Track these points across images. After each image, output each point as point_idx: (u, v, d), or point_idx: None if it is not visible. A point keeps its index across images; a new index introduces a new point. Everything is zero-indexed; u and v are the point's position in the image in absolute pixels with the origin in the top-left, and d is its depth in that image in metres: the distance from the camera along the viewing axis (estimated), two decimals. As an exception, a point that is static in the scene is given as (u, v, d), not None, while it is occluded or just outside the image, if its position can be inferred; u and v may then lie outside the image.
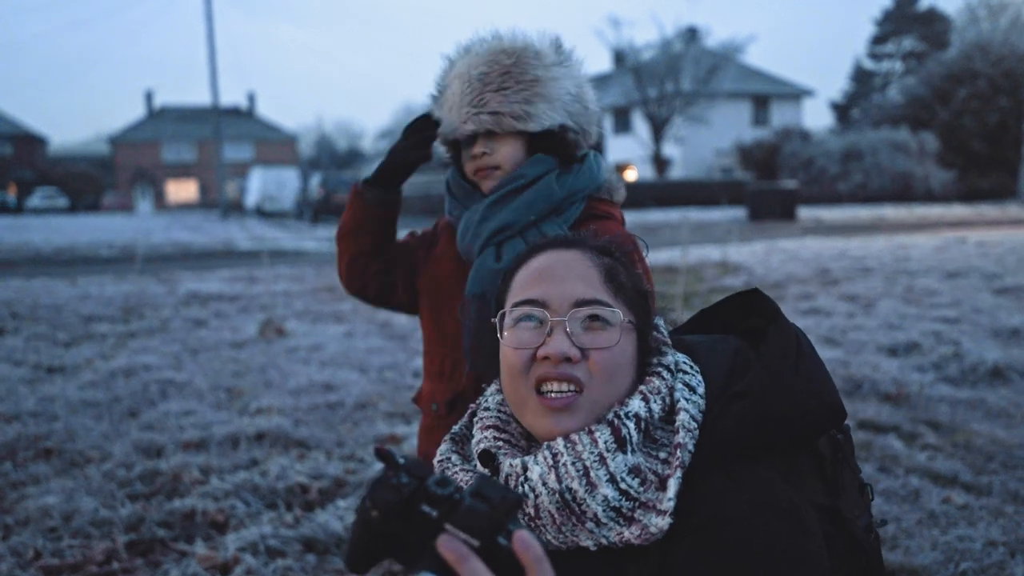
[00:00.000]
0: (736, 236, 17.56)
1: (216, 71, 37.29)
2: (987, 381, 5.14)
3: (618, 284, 1.03)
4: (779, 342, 1.04)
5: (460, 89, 1.60)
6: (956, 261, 11.95)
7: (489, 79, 1.57)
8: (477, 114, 1.57)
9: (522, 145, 1.61)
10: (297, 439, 4.20)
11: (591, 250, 1.07)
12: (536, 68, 1.59)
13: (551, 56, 1.62)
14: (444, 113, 1.65)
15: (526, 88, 1.57)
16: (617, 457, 0.94)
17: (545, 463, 0.95)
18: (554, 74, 1.60)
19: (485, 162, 1.61)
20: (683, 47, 40.74)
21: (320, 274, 12.19)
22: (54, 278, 11.73)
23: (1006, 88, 39.57)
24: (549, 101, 1.58)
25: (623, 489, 0.92)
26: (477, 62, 1.60)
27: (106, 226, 29.57)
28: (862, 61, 60.15)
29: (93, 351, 6.51)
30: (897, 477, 3.59)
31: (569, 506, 0.93)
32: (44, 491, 3.53)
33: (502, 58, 1.58)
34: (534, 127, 1.58)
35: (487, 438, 1.05)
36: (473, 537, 0.69)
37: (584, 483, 0.92)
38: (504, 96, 1.56)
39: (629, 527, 0.92)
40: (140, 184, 65.80)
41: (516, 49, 1.60)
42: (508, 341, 1.03)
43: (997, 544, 2.92)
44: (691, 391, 1.00)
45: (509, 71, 1.57)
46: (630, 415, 0.96)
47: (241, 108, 73.58)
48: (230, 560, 2.83)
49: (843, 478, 1.02)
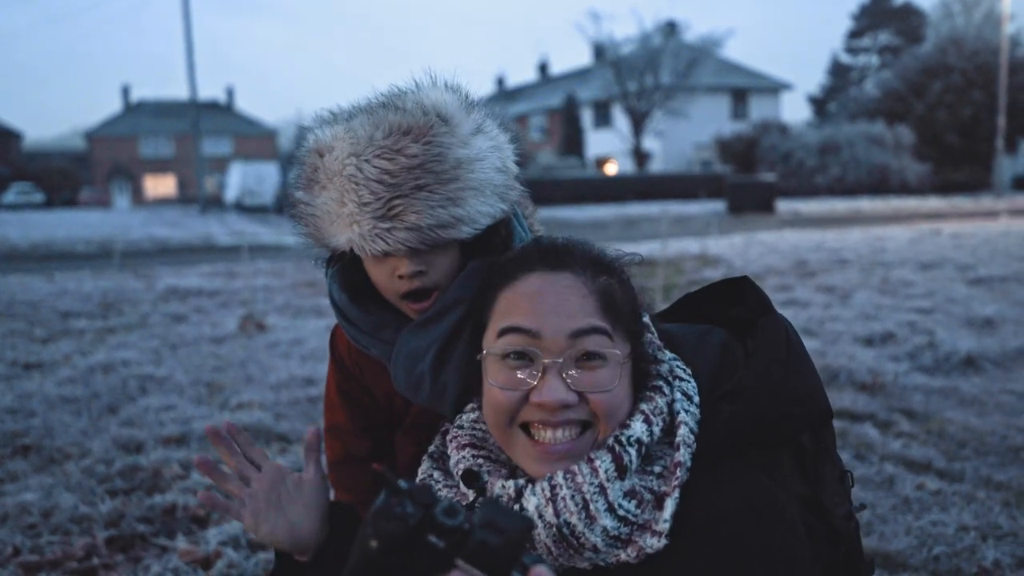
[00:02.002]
0: (715, 229, 17.68)
1: (193, 65, 36.94)
2: (960, 370, 5.23)
3: (616, 312, 0.95)
4: (770, 339, 1.01)
5: (350, 192, 1.14)
6: (931, 252, 12.12)
7: (395, 179, 1.12)
8: (390, 230, 1.13)
9: (456, 251, 1.22)
10: (278, 433, 4.20)
11: (586, 269, 0.97)
12: (454, 148, 1.15)
13: (466, 122, 1.18)
14: (319, 220, 1.21)
15: (448, 182, 1.13)
16: (615, 485, 0.91)
17: (543, 495, 0.91)
18: (477, 150, 1.17)
19: (419, 284, 1.19)
20: (662, 41, 40.90)
21: (300, 269, 12.13)
22: (30, 274, 11.59)
23: (980, 82, 40.08)
24: (479, 191, 1.16)
25: (621, 516, 0.90)
26: (367, 151, 1.13)
27: (83, 222, 29.21)
28: (839, 55, 60.72)
29: (71, 347, 6.45)
30: (872, 464, 3.65)
31: (567, 540, 0.90)
32: (22, 488, 3.50)
33: (406, 145, 1.13)
34: (469, 232, 1.17)
35: (465, 457, 1.01)
36: (486, 573, 0.65)
37: (584, 517, 0.89)
38: (422, 201, 1.12)
39: (626, 549, 0.91)
40: (117, 179, 65.07)
41: (423, 127, 1.14)
42: (495, 378, 0.96)
43: (969, 529, 2.99)
44: (689, 400, 0.96)
45: (420, 163, 1.12)
46: (632, 440, 0.92)
47: (219, 102, 72.92)
48: (211, 554, 2.83)
49: (824, 469, 1.02)
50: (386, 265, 1.20)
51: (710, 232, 16.86)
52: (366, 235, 1.15)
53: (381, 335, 1.26)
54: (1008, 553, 2.80)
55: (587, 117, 48.62)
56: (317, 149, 1.20)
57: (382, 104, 1.19)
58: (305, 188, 1.22)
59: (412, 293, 1.20)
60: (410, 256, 1.17)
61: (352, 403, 1.40)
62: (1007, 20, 36.54)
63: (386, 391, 1.35)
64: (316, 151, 1.20)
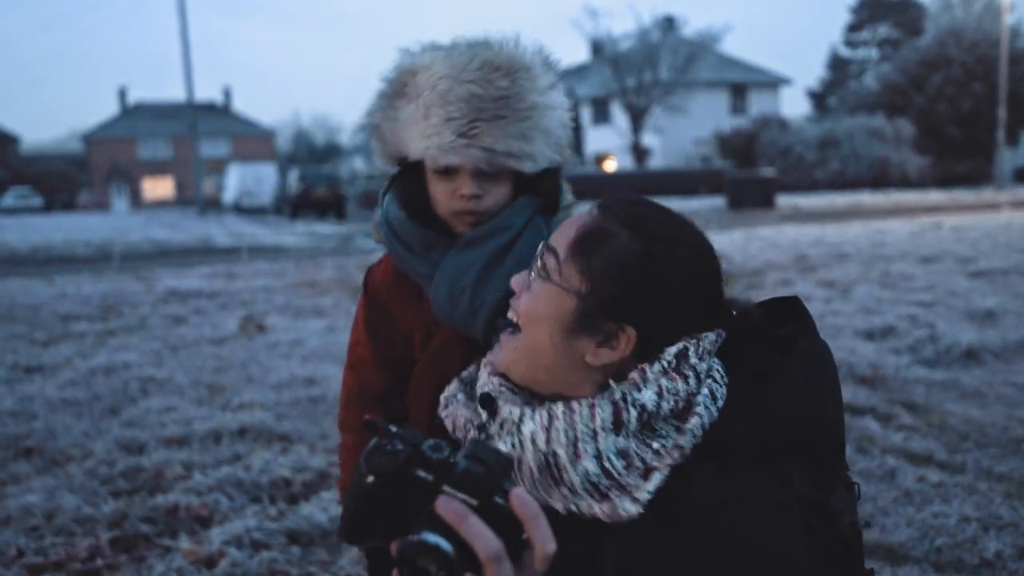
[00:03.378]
0: (715, 224, 17.68)
1: (190, 67, 36.89)
2: (961, 362, 5.23)
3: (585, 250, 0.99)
4: (807, 358, 1.01)
5: (438, 106, 1.29)
6: (931, 246, 12.12)
7: (483, 104, 1.27)
8: (467, 146, 1.28)
9: (511, 186, 1.36)
10: (280, 433, 4.21)
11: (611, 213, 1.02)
12: (532, 93, 1.31)
13: (544, 78, 1.34)
14: (397, 126, 1.36)
15: (524, 119, 1.30)
16: (609, 437, 0.94)
17: (540, 423, 0.96)
18: (550, 100, 1.34)
19: (475, 206, 1.33)
20: (660, 37, 40.89)
21: (300, 269, 12.14)
22: (30, 278, 11.60)
23: (980, 74, 40.04)
24: (546, 135, 1.33)
25: (606, 468, 0.93)
26: (462, 75, 1.28)
27: (82, 225, 29.23)
28: (838, 49, 60.64)
29: (72, 350, 6.45)
30: (873, 457, 3.65)
31: (550, 469, 0.95)
32: (25, 490, 3.51)
33: (497, 78, 1.28)
34: (531, 167, 1.32)
35: (492, 383, 1.07)
36: (471, 497, 0.70)
37: (571, 452, 0.93)
38: (500, 128, 1.28)
39: (601, 503, 0.93)
40: (116, 182, 65.06)
41: (514, 67, 1.30)
42: None
43: (971, 520, 2.99)
44: (713, 400, 0.97)
45: (507, 96, 1.28)
46: (637, 403, 0.95)
47: (217, 104, 72.89)
48: (215, 554, 2.83)
49: (833, 474, 1.02)
50: (450, 183, 1.33)
51: (710, 228, 16.56)
52: (444, 146, 1.28)
53: (430, 255, 1.37)
54: (1010, 544, 2.81)
55: (585, 114, 48.56)
56: (412, 68, 1.33)
57: (479, 43, 1.33)
58: (388, 102, 1.36)
59: (466, 212, 1.34)
60: (474, 177, 1.31)
61: (376, 337, 1.49)
62: (1007, 11, 36.53)
63: (410, 324, 1.45)
64: (411, 70, 1.33)
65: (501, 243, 1.33)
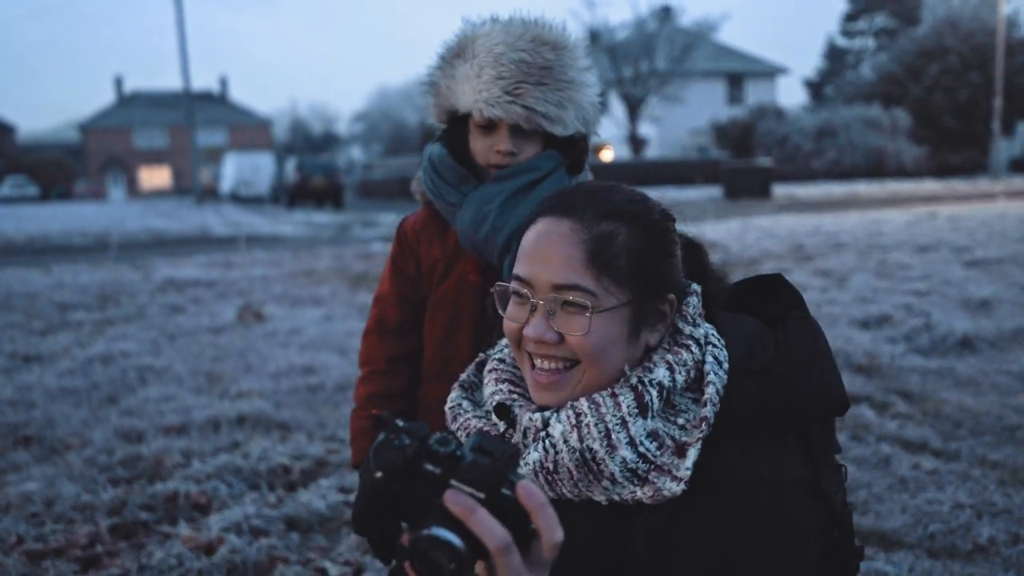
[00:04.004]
0: (712, 214, 17.69)
1: (187, 55, 36.70)
2: (956, 351, 5.25)
3: (605, 263, 1.00)
4: (800, 329, 1.06)
5: (491, 67, 1.48)
6: (927, 235, 12.14)
7: (529, 69, 1.47)
8: (511, 103, 1.47)
9: (541, 147, 1.56)
10: (278, 421, 4.22)
11: (590, 216, 1.03)
12: (572, 70, 1.52)
13: (583, 60, 1.55)
14: (452, 82, 1.55)
15: (561, 89, 1.50)
16: (638, 422, 0.96)
17: (568, 422, 0.97)
18: (585, 79, 1.54)
19: (509, 160, 1.54)
20: (657, 26, 40.71)
21: (297, 258, 12.14)
22: (27, 267, 11.57)
23: (976, 63, 39.98)
24: (578, 107, 1.53)
25: (641, 452, 0.95)
26: (516, 44, 1.48)
27: (78, 214, 29.15)
28: (835, 38, 60.53)
29: (69, 339, 6.46)
30: (868, 445, 3.68)
31: (588, 464, 0.96)
32: (25, 478, 3.52)
33: (545, 51, 1.49)
34: (560, 131, 1.52)
35: (502, 390, 1.08)
36: (478, 490, 0.72)
37: (605, 444, 0.95)
38: (541, 92, 1.48)
39: (642, 487, 0.95)
40: (112, 171, 64.85)
41: (560, 44, 1.51)
42: (505, 312, 1.07)
43: (964, 506, 3.02)
44: (718, 365, 1.01)
45: (551, 66, 1.49)
46: (654, 383, 0.98)
47: (213, 93, 72.59)
48: (214, 540, 2.85)
49: (826, 456, 1.05)
50: (489, 138, 1.54)
51: (707, 218, 16.87)
52: (491, 100, 1.47)
53: (462, 187, 1.58)
54: (1003, 530, 2.84)
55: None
56: (472, 35, 1.54)
57: (533, 21, 1.53)
58: (447, 61, 1.55)
59: (501, 167, 1.54)
60: (511, 135, 1.51)
61: (399, 274, 1.70)
62: (1003, 1, 36.44)
63: (432, 261, 1.65)
64: (471, 36, 1.54)
65: (528, 180, 1.53)
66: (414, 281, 1.68)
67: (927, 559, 2.67)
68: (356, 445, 1.67)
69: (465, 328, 1.63)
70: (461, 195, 1.57)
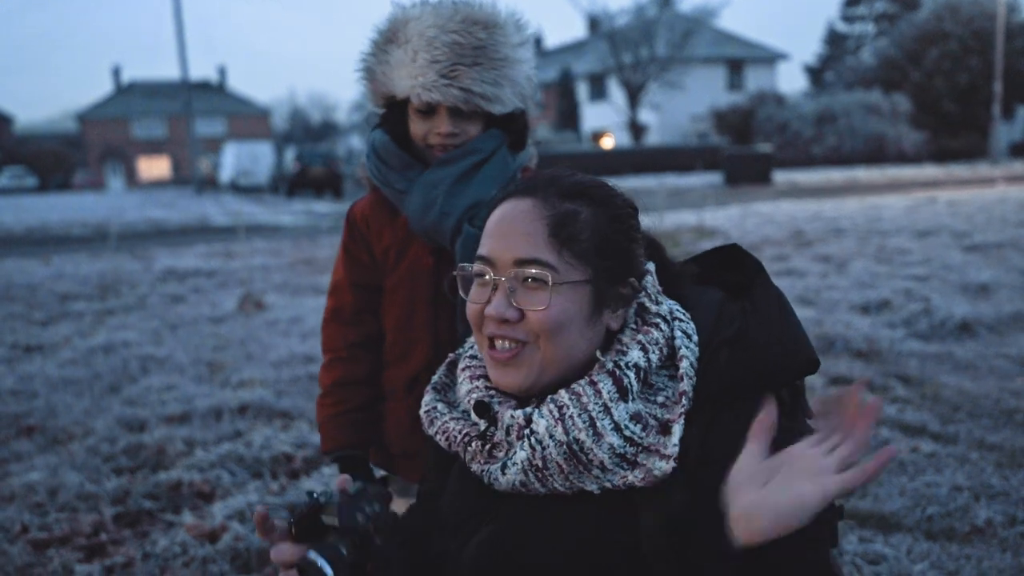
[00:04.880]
0: (712, 201, 17.68)
1: (184, 45, 36.59)
2: (955, 335, 5.27)
3: (567, 237, 1.01)
4: (765, 294, 1.07)
5: (425, 50, 1.47)
6: (927, 220, 12.13)
7: (463, 51, 1.47)
8: (448, 86, 1.47)
9: (482, 126, 1.56)
10: (280, 410, 4.24)
11: (553, 196, 1.04)
12: (505, 47, 1.51)
13: (516, 35, 1.55)
14: (388, 68, 1.54)
15: (496, 68, 1.49)
16: (620, 406, 0.97)
17: (551, 416, 0.97)
18: (519, 55, 1.53)
19: (450, 142, 1.54)
20: (657, 12, 40.51)
21: (297, 247, 12.14)
22: (27, 258, 11.58)
23: (976, 48, 39.78)
24: (513, 85, 1.53)
25: (627, 436, 0.96)
26: (447, 26, 1.47)
27: (78, 205, 29.12)
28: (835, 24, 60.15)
29: (71, 329, 6.47)
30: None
31: (576, 456, 0.96)
32: (28, 468, 3.54)
33: (477, 31, 1.48)
34: (499, 110, 1.52)
35: (478, 387, 1.07)
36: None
37: (591, 433, 0.95)
38: (477, 73, 1.47)
39: (633, 471, 0.96)
40: (111, 161, 64.69)
41: (491, 23, 1.51)
42: (468, 295, 1.07)
43: (962, 489, 3.04)
44: (688, 338, 1.03)
45: (483, 46, 1.48)
46: (630, 365, 0.99)
47: (211, 82, 72.30)
48: (218, 528, 2.87)
49: (799, 423, 1.07)
50: (430, 122, 1.53)
51: (707, 204, 16.85)
52: (428, 84, 1.47)
53: (408, 173, 1.58)
54: (1000, 512, 2.85)
55: (582, 91, 48.31)
56: (404, 18, 1.52)
57: (463, 2, 1.52)
58: (380, 47, 1.54)
59: (442, 148, 1.54)
60: (450, 117, 1.51)
61: (352, 261, 1.68)
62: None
63: (386, 244, 1.64)
64: (403, 19, 1.52)
65: (472, 162, 1.53)
66: (368, 267, 1.67)
67: (925, 541, 2.69)
68: (325, 432, 1.69)
69: (422, 311, 1.62)
70: (408, 181, 1.57)
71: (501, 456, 1.02)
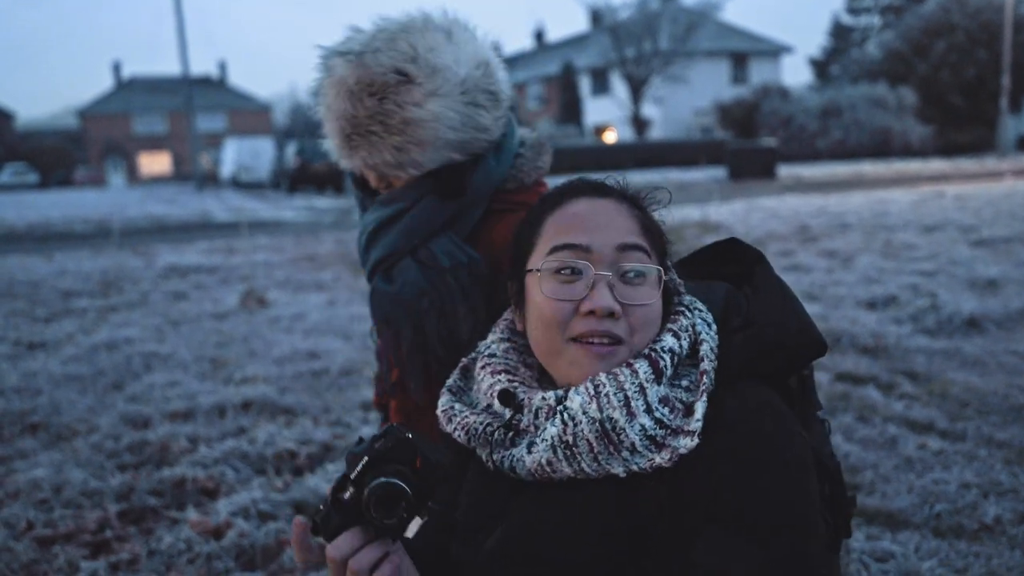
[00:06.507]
0: (716, 195, 17.63)
1: (185, 40, 36.55)
2: (963, 331, 5.24)
3: (652, 236, 1.06)
4: (766, 279, 1.09)
5: (328, 119, 1.43)
6: (934, 215, 12.08)
7: (356, 120, 1.38)
8: (350, 156, 1.44)
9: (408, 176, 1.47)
10: (284, 406, 4.23)
11: (625, 200, 1.08)
12: (406, 107, 1.36)
13: (426, 83, 1.36)
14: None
15: (396, 134, 1.37)
16: (653, 388, 0.98)
17: (587, 393, 0.97)
18: (429, 110, 1.36)
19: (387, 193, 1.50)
20: (660, 5, 40.39)
21: (300, 243, 12.13)
22: (29, 254, 11.59)
23: (983, 40, 39.61)
24: (424, 145, 1.38)
25: (657, 418, 0.96)
26: (341, 91, 1.38)
27: (79, 201, 29.15)
28: (840, 16, 59.92)
29: (74, 326, 6.47)
30: (875, 426, 3.67)
31: (608, 435, 0.96)
32: (32, 464, 3.53)
33: (365, 97, 1.36)
34: (414, 172, 1.42)
35: (501, 380, 1.07)
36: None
37: (625, 413, 0.96)
38: (372, 144, 1.39)
39: (660, 452, 0.96)
40: (112, 158, 64.73)
41: (382, 83, 1.35)
42: (548, 291, 1.02)
43: (971, 486, 3.01)
44: (708, 326, 1.05)
45: (373, 115, 1.37)
46: (666, 349, 1.01)
47: (212, 78, 72.30)
48: (222, 524, 2.86)
49: (809, 410, 1.09)
50: (368, 172, 1.48)
51: (711, 199, 16.80)
52: (337, 153, 1.46)
53: (364, 204, 1.58)
54: (1009, 509, 2.83)
55: (585, 85, 48.19)
56: (324, 72, 1.43)
57: (369, 49, 1.37)
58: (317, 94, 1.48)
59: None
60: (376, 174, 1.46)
61: None
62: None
63: None
64: (326, 69, 1.42)
65: (391, 212, 1.46)
66: None
67: (933, 539, 2.67)
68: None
69: None
70: (362, 212, 1.60)
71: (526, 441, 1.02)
